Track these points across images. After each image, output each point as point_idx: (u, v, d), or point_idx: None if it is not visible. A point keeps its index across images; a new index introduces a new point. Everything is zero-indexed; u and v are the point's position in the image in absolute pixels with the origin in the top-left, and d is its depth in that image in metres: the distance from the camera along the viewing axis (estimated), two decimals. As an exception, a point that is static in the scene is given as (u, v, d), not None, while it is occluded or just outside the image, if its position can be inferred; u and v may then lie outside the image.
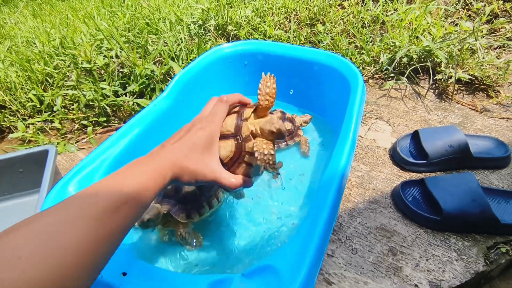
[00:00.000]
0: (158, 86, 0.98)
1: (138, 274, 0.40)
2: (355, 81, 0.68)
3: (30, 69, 1.02)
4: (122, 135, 0.61)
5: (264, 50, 0.82)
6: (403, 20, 1.15)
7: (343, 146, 0.55)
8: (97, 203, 0.29)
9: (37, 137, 0.91)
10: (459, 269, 0.57)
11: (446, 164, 0.72)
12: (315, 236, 0.42)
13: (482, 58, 0.96)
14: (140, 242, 0.59)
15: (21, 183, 0.66)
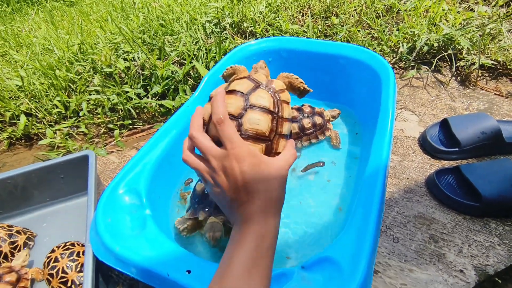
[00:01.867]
0: (181, 87, 0.99)
1: (201, 272, 0.41)
2: (385, 73, 0.68)
3: (54, 76, 1.04)
4: (160, 137, 0.62)
5: (288, 47, 0.82)
6: (418, 8, 1.15)
7: (383, 138, 0.56)
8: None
9: (66, 143, 0.93)
10: (502, 253, 0.57)
11: (478, 151, 0.72)
12: (370, 227, 0.43)
13: (504, 42, 0.95)
14: (200, 244, 0.60)
15: (63, 188, 0.68)
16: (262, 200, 0.35)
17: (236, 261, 0.32)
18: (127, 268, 0.43)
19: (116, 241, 0.45)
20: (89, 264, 0.47)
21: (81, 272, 0.54)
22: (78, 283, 0.54)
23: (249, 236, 0.34)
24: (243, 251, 0.33)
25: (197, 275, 0.40)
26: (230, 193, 0.35)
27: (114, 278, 0.58)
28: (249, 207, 0.35)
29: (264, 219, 0.35)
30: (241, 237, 0.34)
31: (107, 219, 0.47)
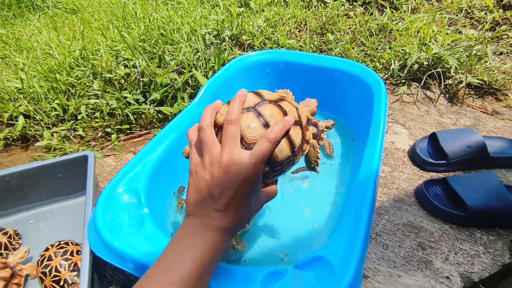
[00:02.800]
0: (179, 94, 1.01)
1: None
2: (378, 87, 0.72)
3: (54, 79, 1.05)
4: (159, 140, 0.64)
5: (285, 59, 0.86)
6: (410, 29, 1.21)
7: (374, 147, 0.59)
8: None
9: (63, 145, 0.94)
10: (487, 261, 0.59)
11: (464, 164, 0.76)
12: (361, 230, 0.45)
13: (489, 63, 1.01)
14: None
15: (61, 188, 0.68)
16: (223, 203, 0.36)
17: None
18: (125, 263, 0.44)
19: (114, 237, 0.46)
20: (86, 261, 0.48)
21: (74, 271, 0.55)
22: (71, 282, 0.54)
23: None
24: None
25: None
26: (205, 192, 0.37)
27: (108, 277, 0.58)
28: (211, 210, 0.37)
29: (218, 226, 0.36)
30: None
31: (106, 216, 0.48)
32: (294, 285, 0.41)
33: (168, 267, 0.34)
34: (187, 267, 0.33)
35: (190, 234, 0.36)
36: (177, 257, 0.34)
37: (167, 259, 0.35)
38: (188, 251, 0.34)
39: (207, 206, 0.37)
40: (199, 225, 0.36)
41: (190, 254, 0.34)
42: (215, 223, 0.36)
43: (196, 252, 0.34)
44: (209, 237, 0.35)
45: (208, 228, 0.36)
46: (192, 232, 0.36)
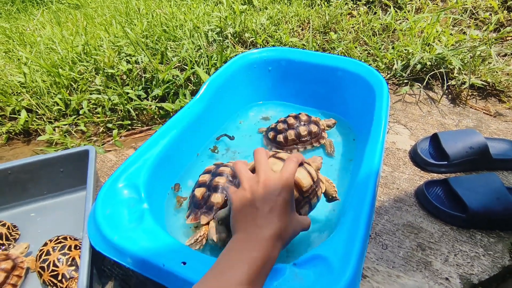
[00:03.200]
0: (181, 91, 1.01)
1: (197, 263, 0.42)
2: (380, 87, 0.72)
3: (57, 74, 1.05)
4: (160, 136, 0.64)
5: (288, 57, 0.86)
6: (413, 29, 1.20)
7: (375, 146, 0.59)
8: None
9: (64, 140, 0.94)
10: (486, 263, 0.59)
11: (466, 165, 0.75)
12: (360, 228, 0.45)
13: (493, 65, 1.00)
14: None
15: (62, 182, 0.69)
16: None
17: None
18: (123, 258, 0.44)
19: (114, 231, 0.46)
20: (86, 255, 0.48)
21: (72, 266, 0.55)
22: (69, 276, 0.54)
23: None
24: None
25: (192, 267, 0.41)
26: (249, 207, 0.43)
27: (106, 272, 0.58)
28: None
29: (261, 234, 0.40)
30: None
31: (106, 210, 0.49)
32: (293, 283, 0.41)
33: (224, 272, 0.36)
34: (241, 272, 0.35)
35: (241, 245, 0.40)
36: (230, 264, 0.37)
37: (221, 268, 0.37)
38: (241, 259, 0.37)
39: (252, 218, 0.41)
40: (247, 237, 0.40)
41: (244, 261, 0.36)
42: (262, 232, 0.40)
43: (249, 259, 0.37)
44: (259, 245, 0.39)
45: (257, 237, 0.39)
46: (242, 243, 0.40)
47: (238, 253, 0.38)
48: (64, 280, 0.54)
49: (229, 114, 0.86)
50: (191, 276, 0.40)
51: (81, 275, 0.45)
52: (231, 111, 0.87)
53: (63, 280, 0.54)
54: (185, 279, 0.40)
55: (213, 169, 0.66)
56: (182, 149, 0.69)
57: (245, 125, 0.87)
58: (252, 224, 0.41)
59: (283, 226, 0.42)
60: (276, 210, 0.42)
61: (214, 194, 0.60)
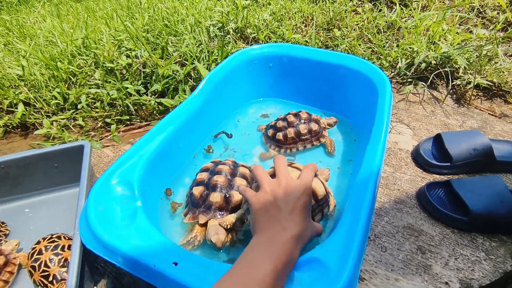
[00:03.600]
0: (181, 86, 1.00)
1: (189, 264, 0.41)
2: (383, 85, 0.70)
3: (56, 67, 1.04)
4: (157, 131, 0.63)
5: (289, 53, 0.84)
6: (419, 27, 1.18)
7: (376, 146, 0.57)
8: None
9: (62, 134, 0.93)
10: (488, 268, 0.58)
11: (469, 167, 0.74)
12: (358, 231, 0.44)
13: (500, 64, 0.98)
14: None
15: (56, 177, 0.68)
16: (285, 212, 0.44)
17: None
18: (114, 257, 0.43)
19: (105, 229, 0.45)
20: (76, 253, 0.47)
21: (64, 267, 0.53)
22: (60, 278, 0.52)
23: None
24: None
25: (184, 268, 0.40)
26: (271, 207, 0.45)
27: (100, 269, 0.57)
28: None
29: (283, 229, 0.42)
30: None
31: (98, 207, 0.47)
32: (289, 285, 0.39)
33: (248, 270, 0.37)
34: (266, 271, 0.36)
35: (265, 244, 0.40)
36: (254, 262, 0.38)
37: (245, 266, 0.38)
38: (266, 258, 0.38)
39: (276, 219, 0.43)
40: (269, 236, 0.41)
41: (268, 260, 0.37)
42: (286, 232, 0.41)
43: (273, 259, 0.37)
44: (283, 245, 0.40)
45: (281, 237, 0.41)
46: (266, 243, 0.41)
47: (263, 252, 0.39)
48: (55, 282, 0.52)
49: (228, 111, 0.85)
50: (182, 277, 0.39)
51: (71, 274, 0.44)
52: (230, 107, 0.86)
53: (54, 282, 0.52)
54: (176, 280, 0.39)
55: (211, 167, 0.65)
56: (179, 146, 0.68)
57: (244, 123, 0.86)
58: (276, 224, 0.42)
59: (304, 227, 0.44)
60: (298, 212, 0.44)
61: (213, 193, 0.59)
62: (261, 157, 0.76)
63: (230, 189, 0.60)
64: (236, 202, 0.59)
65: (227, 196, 0.59)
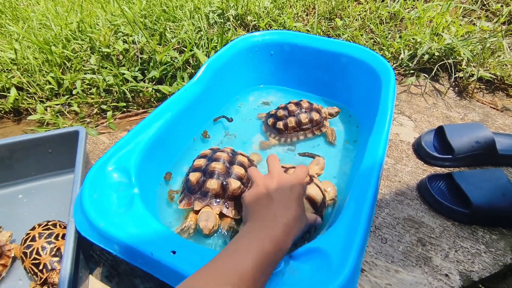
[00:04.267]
0: (179, 73, 0.97)
1: (187, 253, 0.40)
2: (386, 75, 0.68)
3: (49, 51, 1.01)
4: (154, 118, 0.61)
5: (291, 41, 0.82)
6: (422, 18, 1.16)
7: (379, 137, 0.56)
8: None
9: (56, 120, 0.90)
10: (488, 261, 0.57)
11: (471, 160, 0.73)
12: (362, 222, 0.43)
13: (503, 57, 0.97)
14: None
15: (51, 163, 0.66)
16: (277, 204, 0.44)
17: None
18: (110, 245, 0.42)
19: (100, 217, 0.43)
20: (70, 240, 0.45)
21: (56, 257, 0.51)
22: (50, 267, 0.50)
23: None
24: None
25: (182, 256, 0.39)
26: (263, 197, 0.45)
27: (95, 257, 0.56)
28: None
29: (275, 222, 0.41)
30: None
31: (93, 194, 0.46)
32: (288, 276, 0.38)
33: (229, 260, 0.35)
34: (247, 261, 0.35)
35: (252, 231, 0.40)
36: (238, 251, 0.37)
37: (228, 253, 0.36)
38: (251, 246, 0.37)
39: (267, 207, 0.43)
40: (259, 224, 0.41)
41: (251, 247, 0.36)
42: (276, 220, 0.41)
43: (257, 246, 0.37)
44: (271, 231, 0.39)
45: (270, 222, 0.41)
46: (253, 230, 0.40)
47: (251, 240, 0.38)
48: (45, 271, 0.50)
49: (228, 97, 0.83)
50: (180, 266, 0.38)
51: (65, 261, 0.43)
52: (230, 94, 0.84)
53: (44, 271, 0.50)
54: (174, 269, 0.38)
55: (209, 154, 0.64)
56: (177, 133, 0.66)
57: (245, 109, 0.84)
58: (267, 212, 0.42)
59: (297, 215, 0.43)
60: (290, 201, 0.44)
61: (210, 179, 0.58)
62: (261, 146, 0.74)
63: (228, 177, 0.59)
64: (233, 191, 0.57)
65: (225, 184, 0.58)
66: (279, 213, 0.42)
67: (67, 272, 0.42)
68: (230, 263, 0.35)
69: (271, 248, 0.37)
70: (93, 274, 0.55)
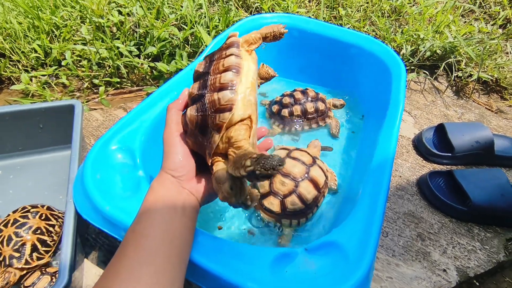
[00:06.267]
0: (178, 51, 0.92)
1: (198, 242, 0.38)
2: (397, 69, 0.67)
3: (37, 16, 0.93)
4: (159, 96, 0.57)
5: (301, 26, 0.79)
6: (424, 14, 1.15)
7: (391, 131, 0.55)
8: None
9: (43, 92, 0.84)
10: (483, 258, 0.59)
11: (469, 159, 0.74)
12: (377, 216, 0.42)
13: (503, 60, 0.98)
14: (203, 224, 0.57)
15: (41, 139, 0.61)
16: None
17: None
18: (116, 231, 0.39)
19: (106, 200, 0.40)
20: (70, 222, 0.42)
21: (17, 252, 0.46)
22: (7, 263, 0.45)
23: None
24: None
25: (193, 245, 0.37)
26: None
27: (90, 241, 0.53)
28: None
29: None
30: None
31: (96, 175, 0.43)
32: (305, 269, 0.37)
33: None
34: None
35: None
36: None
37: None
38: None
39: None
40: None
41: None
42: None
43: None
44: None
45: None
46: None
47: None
48: (3, 264, 0.46)
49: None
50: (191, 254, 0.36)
51: (65, 246, 0.40)
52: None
53: (2, 263, 0.46)
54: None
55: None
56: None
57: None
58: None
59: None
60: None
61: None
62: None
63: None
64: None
65: None
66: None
67: (68, 257, 0.39)
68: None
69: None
70: (88, 258, 0.52)
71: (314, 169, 0.59)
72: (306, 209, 0.56)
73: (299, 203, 0.55)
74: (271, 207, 0.55)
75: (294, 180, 0.57)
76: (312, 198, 0.56)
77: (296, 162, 0.59)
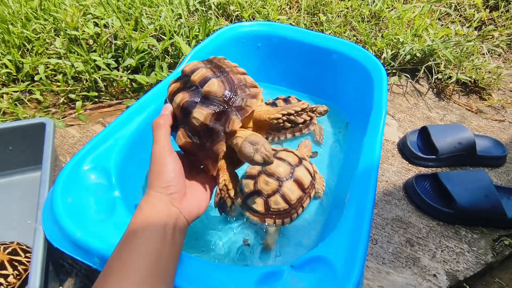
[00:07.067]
0: (158, 63, 0.90)
1: (189, 268, 0.36)
2: (379, 74, 0.67)
3: (7, 30, 0.89)
4: (136, 111, 0.55)
5: (280, 33, 0.78)
6: (402, 18, 1.17)
7: (374, 138, 0.55)
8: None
9: (15, 109, 0.80)
10: (471, 260, 0.59)
11: (452, 161, 0.75)
12: (364, 228, 0.41)
13: (480, 61, 1.01)
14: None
15: (9, 160, 0.57)
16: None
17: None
18: (90, 258, 0.36)
19: (77, 225, 0.38)
20: (39, 250, 0.39)
21: None
22: None
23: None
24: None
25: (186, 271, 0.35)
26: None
27: (66, 267, 0.50)
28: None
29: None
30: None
31: (67, 198, 0.40)
32: (291, 287, 0.36)
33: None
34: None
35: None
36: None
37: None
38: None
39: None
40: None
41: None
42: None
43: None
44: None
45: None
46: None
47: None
48: None
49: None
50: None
51: (34, 275, 0.37)
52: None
53: None
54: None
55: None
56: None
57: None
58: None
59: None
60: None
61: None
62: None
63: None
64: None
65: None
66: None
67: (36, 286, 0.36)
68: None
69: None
70: (63, 286, 0.48)
71: (300, 170, 0.59)
72: (290, 209, 0.56)
73: (282, 202, 0.55)
74: (255, 206, 0.55)
75: (278, 180, 0.57)
76: (296, 198, 0.56)
77: (281, 162, 0.59)
